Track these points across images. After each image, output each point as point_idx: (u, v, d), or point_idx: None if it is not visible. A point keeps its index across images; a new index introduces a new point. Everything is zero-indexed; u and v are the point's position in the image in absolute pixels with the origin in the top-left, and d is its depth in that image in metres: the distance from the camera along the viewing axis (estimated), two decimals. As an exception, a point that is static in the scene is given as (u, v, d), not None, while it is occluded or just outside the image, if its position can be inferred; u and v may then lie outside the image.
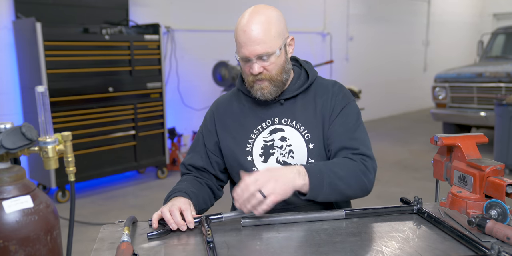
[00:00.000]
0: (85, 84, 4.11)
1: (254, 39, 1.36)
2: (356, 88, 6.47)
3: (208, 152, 1.56)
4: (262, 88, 1.43)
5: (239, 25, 1.39)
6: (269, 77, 1.42)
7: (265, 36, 1.36)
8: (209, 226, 1.20)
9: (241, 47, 1.39)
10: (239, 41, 1.39)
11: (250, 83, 1.45)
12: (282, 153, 1.48)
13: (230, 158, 1.53)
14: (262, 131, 1.50)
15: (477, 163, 1.26)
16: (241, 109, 1.55)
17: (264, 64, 1.40)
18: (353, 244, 1.13)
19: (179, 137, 5.23)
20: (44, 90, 1.08)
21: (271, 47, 1.38)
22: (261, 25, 1.36)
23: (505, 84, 5.50)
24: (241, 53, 1.40)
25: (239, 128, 1.52)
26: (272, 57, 1.40)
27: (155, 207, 3.92)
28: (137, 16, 5.02)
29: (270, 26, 1.37)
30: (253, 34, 1.36)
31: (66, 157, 1.13)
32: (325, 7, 7.47)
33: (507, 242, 1.10)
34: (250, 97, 1.53)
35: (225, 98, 1.62)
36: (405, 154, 5.84)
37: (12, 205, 0.99)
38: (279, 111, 1.50)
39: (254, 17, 1.37)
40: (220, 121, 1.56)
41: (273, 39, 1.38)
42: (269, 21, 1.37)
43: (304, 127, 1.48)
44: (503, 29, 6.80)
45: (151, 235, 1.20)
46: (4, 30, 4.11)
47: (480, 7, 11.47)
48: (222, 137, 1.54)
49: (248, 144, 1.50)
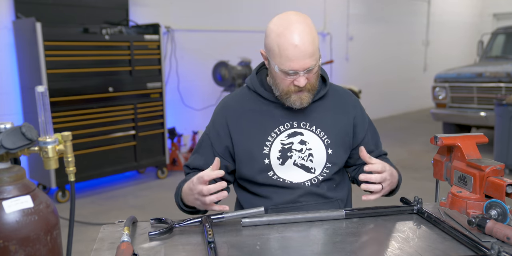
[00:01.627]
0: (85, 84, 4.11)
1: (305, 53, 1.33)
2: (356, 88, 6.47)
3: (217, 155, 1.52)
4: (302, 99, 1.42)
5: (283, 38, 1.33)
6: (310, 88, 1.42)
7: (314, 49, 1.34)
8: (210, 226, 1.19)
9: (290, 61, 1.34)
10: (288, 55, 1.33)
11: (287, 93, 1.42)
12: (300, 156, 1.48)
13: (245, 161, 1.49)
14: (280, 134, 1.49)
15: (477, 163, 1.26)
16: (257, 111, 1.52)
17: (309, 75, 1.39)
18: (353, 244, 1.13)
19: (179, 137, 5.23)
20: (44, 90, 1.08)
21: (316, 59, 1.37)
22: (309, 37, 1.33)
23: (505, 84, 5.49)
24: (289, 66, 1.35)
25: (256, 130, 1.50)
26: (315, 68, 1.39)
27: (155, 207, 3.92)
28: (137, 16, 5.02)
29: (314, 37, 1.35)
30: (303, 48, 1.32)
31: (66, 157, 1.13)
32: (325, 7, 7.47)
33: (507, 242, 1.10)
34: (268, 100, 1.51)
35: (235, 99, 1.58)
36: (405, 154, 5.83)
37: (12, 205, 0.99)
38: (297, 115, 1.50)
39: (300, 29, 1.33)
40: (233, 124, 1.52)
41: (317, 50, 1.37)
42: (312, 32, 1.35)
43: (324, 132, 1.50)
44: (503, 29, 6.80)
45: (153, 235, 1.19)
46: (4, 30, 4.10)
47: (480, 7, 11.47)
48: (237, 140, 1.50)
49: (265, 147, 1.48)
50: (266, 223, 1.27)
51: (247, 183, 1.53)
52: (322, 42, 7.57)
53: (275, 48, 1.36)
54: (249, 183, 1.53)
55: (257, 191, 1.51)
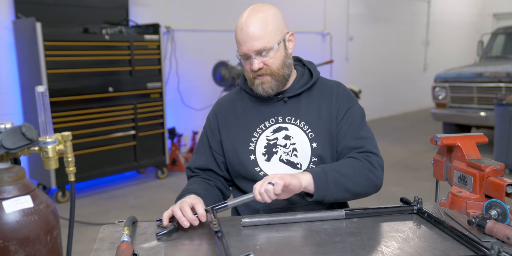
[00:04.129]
0: (85, 84, 4.11)
1: (251, 35, 1.38)
2: (356, 88, 6.46)
3: (214, 153, 1.55)
4: (263, 83, 1.44)
5: (237, 24, 1.42)
6: (270, 72, 1.43)
7: (262, 31, 1.39)
8: (215, 216, 1.20)
9: (240, 45, 1.41)
10: (238, 39, 1.42)
11: (251, 79, 1.46)
12: (285, 152, 1.48)
13: (233, 157, 1.52)
14: (265, 130, 1.50)
15: (477, 163, 1.26)
16: (244, 107, 1.55)
17: (264, 59, 1.42)
18: (353, 244, 1.13)
19: (179, 137, 5.23)
20: (44, 90, 1.08)
21: (269, 42, 1.40)
22: (257, 21, 1.39)
23: (505, 84, 5.49)
24: (240, 50, 1.43)
25: (242, 126, 1.52)
26: (271, 52, 1.41)
27: (155, 207, 3.92)
28: (137, 16, 5.02)
29: (266, 22, 1.40)
30: (250, 30, 1.38)
31: (66, 157, 1.13)
32: (325, 7, 7.47)
33: (507, 242, 1.10)
34: (253, 96, 1.53)
35: (227, 97, 1.62)
36: (405, 154, 5.83)
37: (12, 205, 0.99)
38: (283, 110, 1.50)
39: (251, 15, 1.40)
40: (222, 120, 1.56)
41: (270, 34, 1.40)
42: (265, 17, 1.40)
43: (308, 126, 1.48)
44: (503, 29, 6.80)
45: (160, 235, 1.19)
46: (4, 30, 4.11)
47: (480, 7, 11.47)
48: (225, 136, 1.54)
49: (251, 143, 1.50)
50: (266, 223, 1.27)
51: (239, 180, 1.55)
52: (322, 42, 7.58)
53: (235, 35, 1.44)
54: (240, 180, 1.54)
55: (248, 189, 1.50)
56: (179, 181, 4.71)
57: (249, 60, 1.43)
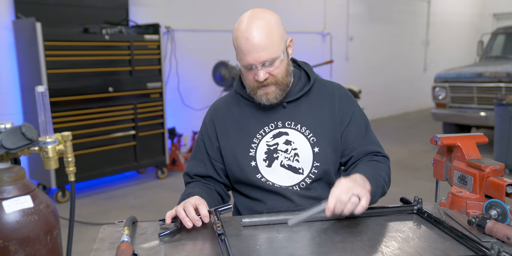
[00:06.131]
0: (85, 84, 4.11)
1: (257, 46, 1.31)
2: (356, 88, 6.46)
3: (212, 160, 1.52)
4: (267, 94, 1.40)
5: (239, 32, 1.34)
6: (275, 82, 1.39)
7: (268, 42, 1.32)
8: (218, 218, 1.19)
9: (244, 55, 1.34)
10: (242, 49, 1.34)
11: (253, 89, 1.41)
12: (286, 157, 1.45)
13: (233, 164, 1.49)
14: (265, 135, 1.47)
15: (477, 163, 1.26)
16: (241, 113, 1.51)
17: (269, 69, 1.36)
18: (353, 244, 1.13)
19: (179, 137, 5.23)
20: (44, 90, 1.08)
21: (275, 52, 1.34)
22: (262, 31, 1.32)
23: (505, 84, 5.50)
24: (244, 61, 1.35)
25: (241, 133, 1.48)
26: (277, 62, 1.36)
27: (155, 207, 3.92)
28: (137, 16, 5.02)
29: (272, 31, 1.33)
30: (256, 41, 1.31)
31: (66, 157, 1.13)
32: (325, 7, 7.47)
33: (507, 242, 1.10)
34: (251, 101, 1.49)
35: (223, 102, 1.58)
36: (405, 154, 5.83)
37: (12, 205, 0.99)
38: (282, 115, 1.47)
39: (254, 23, 1.32)
40: (220, 127, 1.52)
41: (276, 44, 1.34)
42: (269, 26, 1.33)
43: (310, 130, 1.46)
44: (503, 29, 6.80)
45: (163, 235, 1.19)
46: (4, 30, 4.11)
47: (480, 7, 11.47)
48: (223, 143, 1.50)
49: (251, 149, 1.47)
50: (266, 223, 1.27)
51: (240, 186, 1.53)
52: (322, 42, 7.58)
53: (234, 43, 1.37)
54: (241, 186, 1.52)
55: (250, 194, 1.50)
56: (179, 181, 4.71)
57: (252, 70, 1.37)
